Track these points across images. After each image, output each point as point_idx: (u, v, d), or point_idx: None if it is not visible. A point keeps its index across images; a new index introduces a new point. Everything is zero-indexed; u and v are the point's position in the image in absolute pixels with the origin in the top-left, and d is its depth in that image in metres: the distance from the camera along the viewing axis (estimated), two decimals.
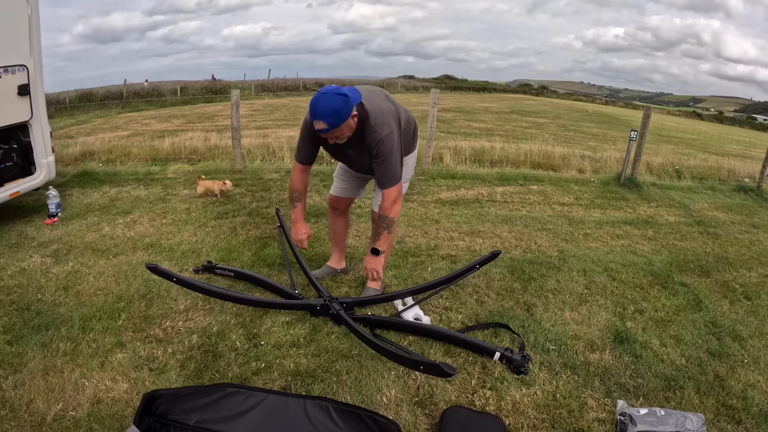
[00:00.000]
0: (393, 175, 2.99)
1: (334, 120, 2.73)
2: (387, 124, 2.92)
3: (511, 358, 2.86)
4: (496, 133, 15.15)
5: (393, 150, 2.94)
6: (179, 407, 2.32)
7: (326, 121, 2.72)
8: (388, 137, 2.90)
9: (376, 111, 2.91)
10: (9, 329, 3.10)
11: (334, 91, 2.75)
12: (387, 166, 2.96)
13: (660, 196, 7.04)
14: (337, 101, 2.71)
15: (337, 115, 2.72)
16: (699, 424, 2.41)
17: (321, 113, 2.72)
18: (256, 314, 3.35)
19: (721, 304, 3.83)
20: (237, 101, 7.40)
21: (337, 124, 2.75)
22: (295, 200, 3.34)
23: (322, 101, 2.72)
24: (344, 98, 2.73)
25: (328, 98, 2.71)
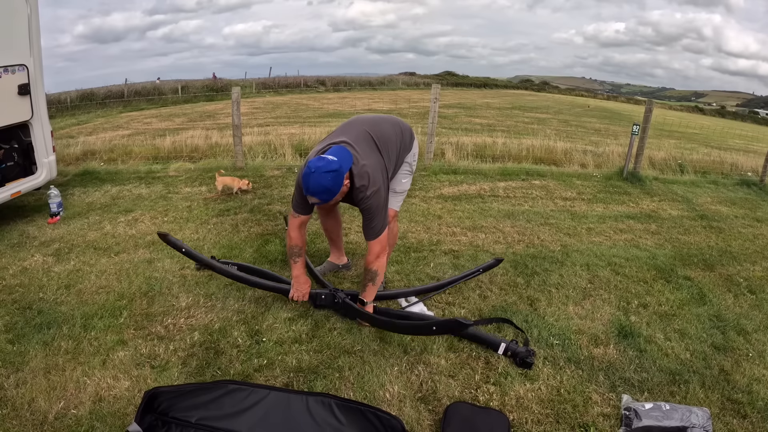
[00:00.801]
0: (377, 230, 3.03)
1: (326, 197, 2.79)
2: (373, 181, 2.93)
3: (516, 350, 2.85)
4: (497, 128, 15.11)
5: (379, 207, 2.98)
6: (181, 404, 2.32)
7: (318, 197, 2.80)
8: (374, 195, 2.94)
9: (363, 171, 2.92)
10: (11, 328, 3.09)
11: (325, 168, 2.73)
12: (371, 220, 3.00)
13: (663, 191, 7.01)
14: (327, 180, 2.73)
15: (328, 193, 2.77)
16: (704, 419, 2.39)
17: (313, 191, 2.77)
18: (257, 311, 3.34)
19: (726, 298, 3.81)
20: (238, 99, 7.38)
21: (329, 200, 2.83)
22: (295, 256, 3.29)
23: (313, 180, 2.74)
24: (334, 174, 2.74)
25: (319, 177, 2.72)
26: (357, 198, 2.97)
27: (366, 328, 3.15)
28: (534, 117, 23.37)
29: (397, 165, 3.33)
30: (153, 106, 27.82)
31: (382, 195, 2.98)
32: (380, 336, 3.08)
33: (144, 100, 29.36)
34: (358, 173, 2.90)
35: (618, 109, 40.28)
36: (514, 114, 24.64)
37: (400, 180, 3.42)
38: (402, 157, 3.34)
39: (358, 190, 2.93)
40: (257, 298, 3.50)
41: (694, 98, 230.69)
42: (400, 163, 3.35)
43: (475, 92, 52.39)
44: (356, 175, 2.91)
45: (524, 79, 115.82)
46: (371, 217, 2.99)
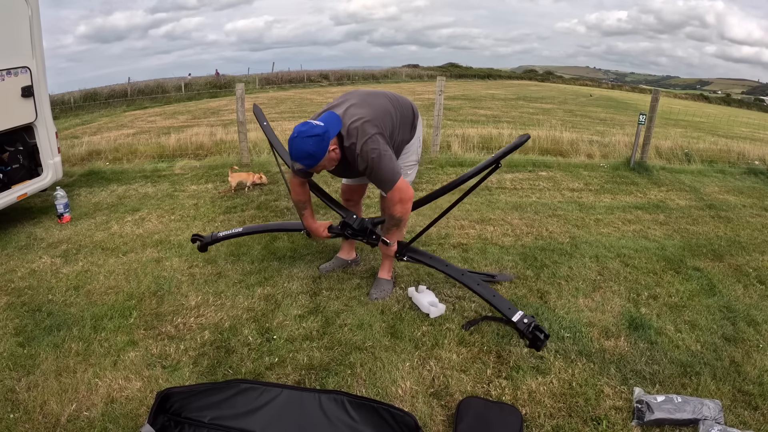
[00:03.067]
0: (388, 178, 2.89)
1: (309, 162, 2.76)
2: (362, 131, 2.82)
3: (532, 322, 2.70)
4: (502, 119, 15.06)
5: (378, 155, 2.83)
6: (193, 405, 2.32)
7: (302, 163, 2.78)
8: (365, 147, 2.81)
9: (352, 127, 2.84)
10: (21, 331, 3.10)
11: (308, 133, 2.69)
12: (377, 172, 2.87)
13: (670, 180, 6.97)
14: (309, 144, 2.69)
15: (311, 158, 2.74)
16: (716, 411, 2.38)
17: (296, 157, 2.75)
18: (267, 308, 3.34)
19: (735, 288, 3.78)
20: (242, 95, 7.38)
21: (313, 165, 2.79)
22: (301, 209, 3.35)
23: (295, 145, 2.71)
24: (317, 139, 2.69)
25: (301, 142, 2.70)
26: (352, 159, 2.89)
27: (377, 323, 3.16)
28: (539, 107, 23.28)
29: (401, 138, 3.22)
30: (156, 104, 27.84)
31: (379, 143, 2.84)
32: (391, 332, 3.08)
33: (147, 98, 29.37)
34: (347, 133, 2.84)
35: (623, 98, 40.02)
36: (519, 105, 24.54)
37: (406, 172, 3.36)
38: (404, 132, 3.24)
39: (349, 150, 2.86)
40: (266, 295, 3.50)
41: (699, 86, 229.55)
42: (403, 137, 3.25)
43: (479, 83, 52.18)
44: (345, 137, 2.85)
45: (528, 69, 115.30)
46: (374, 168, 2.85)
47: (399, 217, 3.02)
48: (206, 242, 3.86)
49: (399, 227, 3.11)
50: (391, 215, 3.03)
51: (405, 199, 2.96)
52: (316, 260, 4.03)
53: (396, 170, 2.91)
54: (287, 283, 3.67)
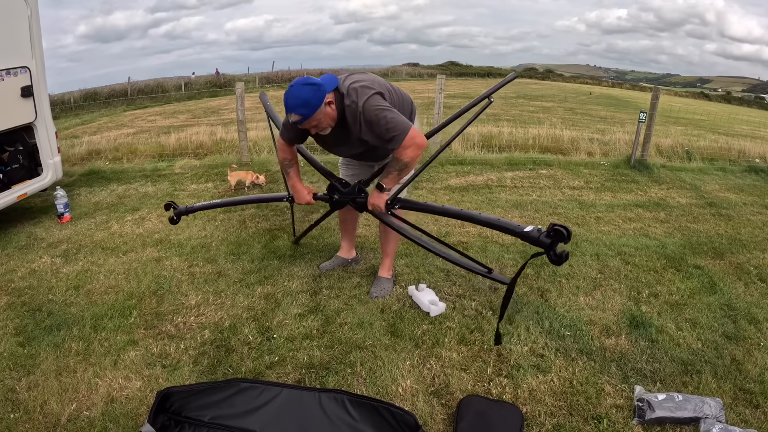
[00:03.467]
0: (400, 128, 2.73)
1: (305, 111, 2.67)
2: (363, 91, 2.76)
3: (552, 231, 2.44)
4: (503, 117, 15.02)
5: (382, 108, 2.75)
6: (193, 404, 2.32)
7: (297, 112, 2.68)
8: (368, 102, 2.74)
9: (351, 87, 2.78)
10: (21, 331, 3.10)
11: (304, 81, 2.68)
12: (386, 125, 2.73)
13: (671, 178, 6.96)
14: (305, 91, 2.65)
15: (307, 106, 2.66)
16: (717, 409, 2.38)
17: (291, 105, 2.68)
18: (267, 307, 3.34)
19: (736, 286, 3.77)
20: (242, 94, 7.38)
21: (309, 114, 2.69)
22: (287, 167, 3.26)
23: (291, 93, 2.67)
24: (314, 87, 2.66)
25: (297, 89, 2.66)
26: (352, 116, 2.79)
27: (377, 322, 3.16)
28: (539, 105, 23.26)
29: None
30: (156, 103, 27.83)
31: (379, 98, 2.78)
32: (391, 330, 3.08)
33: (147, 98, 29.36)
34: (346, 92, 2.78)
35: (623, 96, 39.96)
36: (519, 103, 24.50)
37: None
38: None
39: (349, 109, 2.77)
40: (267, 294, 3.50)
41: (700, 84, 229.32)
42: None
43: (479, 82, 52.11)
44: (344, 95, 2.78)
45: (528, 68, 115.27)
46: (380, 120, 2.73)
47: (406, 161, 2.82)
48: (180, 212, 3.70)
49: (400, 173, 2.89)
50: (398, 159, 2.83)
51: (418, 144, 2.79)
52: (316, 259, 4.03)
53: (405, 120, 2.79)
54: (287, 282, 3.67)
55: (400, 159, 2.82)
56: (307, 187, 3.31)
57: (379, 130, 2.76)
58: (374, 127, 2.76)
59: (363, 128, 2.81)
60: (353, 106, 2.76)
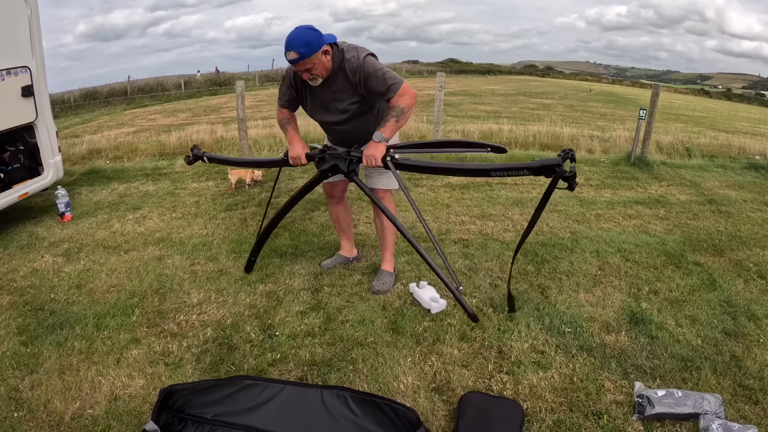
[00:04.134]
0: (391, 81, 2.90)
1: (304, 50, 2.76)
2: (362, 50, 2.94)
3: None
4: (503, 115, 15.05)
5: (379, 65, 2.92)
6: (196, 401, 2.33)
7: (296, 50, 2.75)
8: (368, 58, 2.91)
9: (350, 46, 2.96)
10: (24, 330, 3.11)
11: (307, 26, 2.81)
12: (380, 77, 2.89)
13: (671, 175, 6.97)
14: (307, 33, 2.77)
15: (307, 46, 2.75)
16: (717, 405, 2.39)
17: (291, 43, 2.76)
18: (269, 305, 3.36)
19: (736, 283, 3.78)
20: (242, 92, 7.39)
21: (307, 55, 2.77)
22: (286, 124, 3.35)
23: (294, 33, 2.78)
24: (315, 33, 2.79)
25: (299, 30, 2.78)
26: (351, 68, 2.91)
27: (378, 319, 3.17)
28: (539, 103, 23.26)
29: None
30: (156, 102, 27.84)
31: (377, 58, 2.96)
32: (392, 327, 3.09)
33: (147, 96, 29.37)
34: (347, 47, 2.94)
35: (623, 93, 39.96)
36: (520, 100, 24.52)
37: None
38: None
39: (349, 61, 2.91)
40: (268, 292, 3.52)
41: (700, 81, 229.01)
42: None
43: (479, 79, 52.13)
44: (345, 48, 2.93)
45: (528, 65, 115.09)
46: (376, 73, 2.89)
47: (403, 107, 2.92)
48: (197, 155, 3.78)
49: (398, 120, 2.93)
50: (395, 105, 2.92)
51: (412, 94, 2.95)
52: (318, 257, 4.05)
53: (399, 78, 2.95)
54: (289, 280, 3.68)
55: (396, 105, 2.92)
56: (303, 144, 3.32)
57: (376, 82, 2.90)
58: (371, 79, 2.90)
59: (361, 80, 2.92)
60: (354, 60, 2.90)
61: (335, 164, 3.15)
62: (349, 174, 3.15)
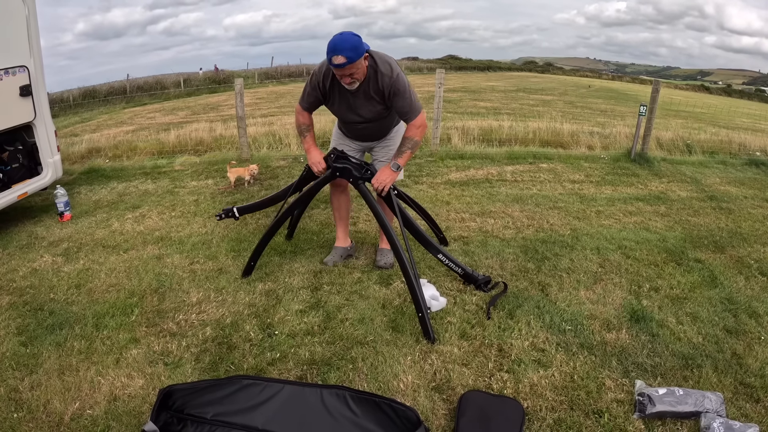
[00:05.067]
0: (414, 106, 3.18)
1: (352, 54, 2.90)
2: (395, 66, 3.14)
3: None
4: (503, 111, 15.05)
5: (407, 86, 3.15)
6: (196, 401, 2.32)
7: (345, 54, 2.89)
8: (400, 76, 3.11)
9: (383, 57, 3.13)
10: (23, 330, 3.10)
11: (350, 32, 2.96)
12: (410, 99, 3.16)
13: (671, 172, 6.95)
14: (354, 38, 2.93)
15: (354, 50, 2.90)
16: (718, 403, 2.38)
17: (341, 48, 2.89)
18: (269, 303, 3.35)
19: (737, 280, 3.77)
20: (241, 90, 7.37)
21: (354, 59, 2.92)
22: (305, 131, 3.56)
23: (341, 38, 2.92)
24: (359, 38, 2.95)
25: (347, 36, 2.93)
26: (383, 82, 3.10)
27: (378, 318, 3.17)
28: (539, 99, 23.24)
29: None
30: (156, 100, 27.84)
31: (405, 78, 3.16)
32: (392, 326, 3.08)
33: (146, 94, 29.35)
34: (380, 59, 3.11)
35: (623, 89, 39.91)
36: (519, 96, 24.50)
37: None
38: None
39: (382, 73, 3.09)
40: (267, 291, 3.51)
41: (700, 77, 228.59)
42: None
43: (479, 75, 52.09)
44: (378, 59, 3.10)
45: (528, 61, 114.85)
46: (404, 94, 3.13)
47: (417, 140, 3.28)
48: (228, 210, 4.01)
49: (412, 151, 3.30)
50: (410, 137, 3.25)
51: (425, 125, 3.29)
52: (317, 255, 4.04)
53: (418, 102, 3.23)
54: (288, 279, 3.68)
55: (412, 137, 3.25)
56: (320, 151, 3.55)
57: (402, 102, 3.17)
58: (398, 97, 3.15)
59: (389, 94, 3.15)
60: (387, 74, 3.09)
61: (348, 168, 3.39)
62: (356, 182, 3.39)
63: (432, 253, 3.60)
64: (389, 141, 3.62)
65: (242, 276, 3.72)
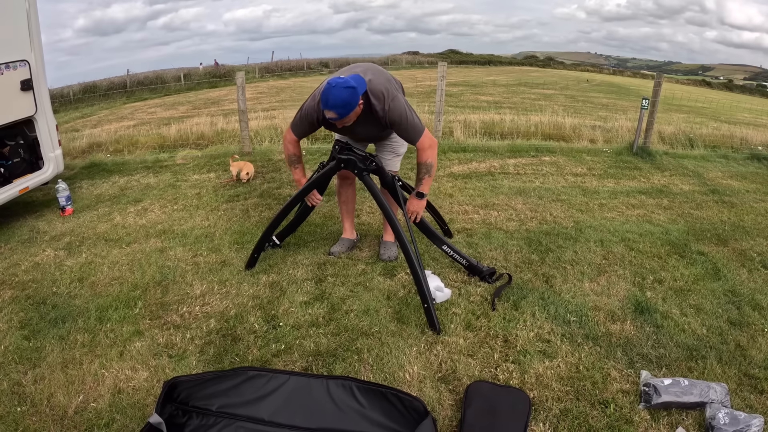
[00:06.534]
0: (416, 129, 3.17)
1: (343, 111, 2.94)
2: (388, 93, 3.10)
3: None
4: (504, 105, 15.03)
5: (404, 110, 3.12)
6: (201, 393, 2.32)
7: (336, 111, 2.94)
8: (394, 102, 3.09)
9: (376, 88, 3.10)
10: (26, 324, 3.10)
11: (343, 84, 2.91)
12: (406, 125, 3.15)
13: (673, 165, 6.93)
14: (346, 94, 2.91)
15: (346, 107, 2.93)
16: (723, 394, 2.38)
17: (332, 105, 2.92)
18: (273, 295, 3.35)
19: (740, 272, 3.77)
20: (242, 84, 7.36)
21: (346, 114, 2.97)
22: (295, 163, 3.58)
23: (332, 94, 2.91)
24: (352, 91, 2.92)
25: (338, 92, 2.90)
26: (379, 115, 3.12)
27: (383, 309, 3.18)
28: (540, 93, 23.21)
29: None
30: (156, 95, 27.82)
31: (401, 101, 3.13)
32: (397, 317, 3.09)
33: (147, 89, 29.32)
34: (373, 93, 3.09)
35: (625, 83, 39.81)
36: (521, 90, 24.47)
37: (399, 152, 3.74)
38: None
39: (376, 107, 3.10)
40: (272, 283, 3.51)
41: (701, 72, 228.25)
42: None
43: (480, 70, 52.00)
44: (371, 95, 3.09)
45: (529, 55, 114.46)
46: (402, 122, 3.13)
47: (431, 162, 3.28)
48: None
49: (431, 175, 3.32)
50: (424, 162, 3.27)
51: (434, 144, 3.27)
52: (321, 247, 4.03)
53: (419, 122, 3.21)
54: (292, 270, 3.67)
55: (425, 162, 3.28)
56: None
57: (399, 129, 3.20)
58: (395, 126, 3.18)
59: (387, 123, 3.16)
60: (382, 104, 3.10)
61: (353, 159, 3.36)
62: (360, 173, 3.37)
63: (437, 244, 3.62)
64: (390, 141, 3.64)
65: (245, 268, 3.72)
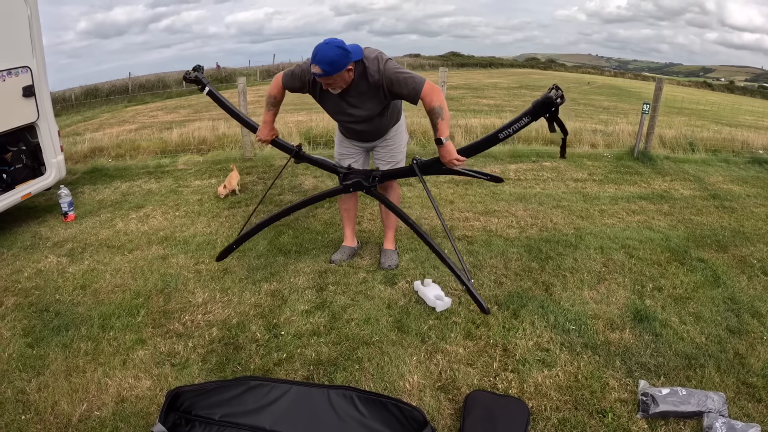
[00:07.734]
0: (415, 80, 3.04)
1: (329, 69, 2.88)
2: (381, 57, 3.06)
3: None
4: (505, 109, 15.01)
5: (400, 67, 3.08)
6: (204, 402, 2.34)
7: (321, 67, 2.87)
8: (388, 64, 3.04)
9: (371, 54, 3.07)
10: (29, 332, 3.12)
11: (337, 44, 2.90)
12: (405, 78, 3.03)
13: (674, 170, 6.93)
14: (335, 53, 2.86)
15: (332, 65, 2.87)
16: (720, 403, 2.40)
17: (319, 59, 2.87)
18: (274, 304, 3.37)
19: (740, 279, 3.78)
20: (244, 89, 7.38)
21: (331, 73, 2.90)
22: (271, 105, 3.51)
23: (322, 50, 2.87)
24: (343, 52, 2.89)
25: (329, 49, 2.87)
26: (374, 78, 3.04)
27: (383, 318, 3.19)
28: None
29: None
30: (158, 98, 27.81)
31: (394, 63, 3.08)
32: (398, 326, 3.10)
33: (149, 93, 29.33)
34: (367, 58, 3.05)
35: (626, 85, 39.77)
36: (522, 94, 24.42)
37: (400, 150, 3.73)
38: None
39: (370, 71, 3.03)
40: (273, 291, 3.53)
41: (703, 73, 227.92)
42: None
43: (481, 72, 52.00)
44: (366, 60, 3.05)
45: (530, 58, 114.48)
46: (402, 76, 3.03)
47: (440, 105, 3.08)
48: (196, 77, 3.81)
49: (443, 118, 3.11)
50: (432, 109, 3.08)
51: (436, 89, 3.07)
52: (322, 254, 4.05)
53: (421, 78, 3.06)
54: (293, 279, 3.69)
55: (434, 108, 3.07)
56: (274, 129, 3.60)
57: (399, 86, 3.04)
58: (395, 85, 3.04)
59: (385, 90, 3.08)
60: (375, 73, 3.03)
61: (358, 181, 3.45)
62: (369, 189, 3.43)
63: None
64: (390, 141, 3.63)
65: (216, 260, 3.77)
